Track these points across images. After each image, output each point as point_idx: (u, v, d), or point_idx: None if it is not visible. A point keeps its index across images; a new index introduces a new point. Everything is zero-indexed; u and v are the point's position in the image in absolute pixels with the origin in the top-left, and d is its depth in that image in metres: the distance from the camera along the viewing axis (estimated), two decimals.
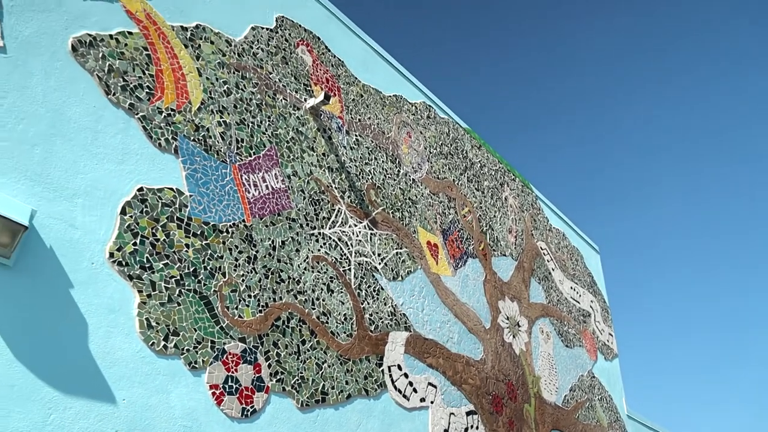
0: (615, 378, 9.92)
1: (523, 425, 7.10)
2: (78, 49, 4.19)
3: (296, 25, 6.21)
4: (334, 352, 5.18)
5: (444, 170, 7.66)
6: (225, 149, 4.93)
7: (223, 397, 4.21)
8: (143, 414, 3.76)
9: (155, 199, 4.27)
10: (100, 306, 3.75)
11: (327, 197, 5.74)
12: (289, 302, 4.95)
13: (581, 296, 9.82)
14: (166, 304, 4.08)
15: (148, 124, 4.43)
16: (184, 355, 4.07)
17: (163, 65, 4.72)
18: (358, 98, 6.66)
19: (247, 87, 5.36)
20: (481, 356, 6.95)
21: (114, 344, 3.74)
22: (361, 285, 5.73)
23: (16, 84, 3.80)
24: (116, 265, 3.90)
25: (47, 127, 3.86)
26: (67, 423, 3.39)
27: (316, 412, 4.85)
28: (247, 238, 4.81)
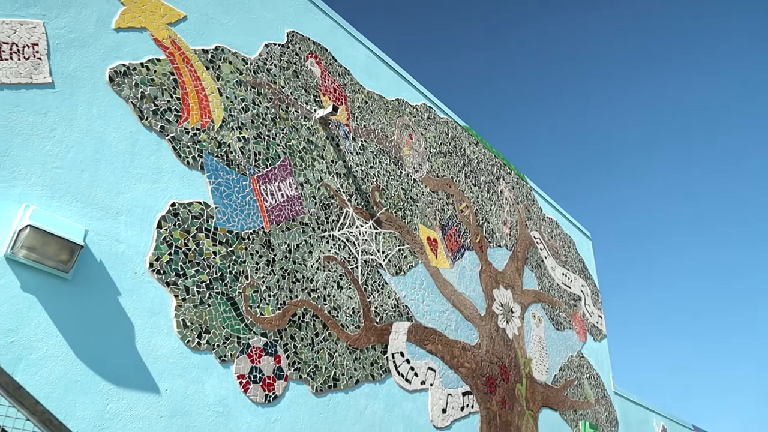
0: (603, 357, 10.58)
1: (514, 403, 7.75)
2: (114, 79, 4.69)
3: (305, 38, 6.67)
4: (344, 343, 5.78)
5: (443, 168, 8.18)
6: (244, 163, 5.45)
7: (249, 385, 4.81)
8: (182, 402, 4.36)
9: (186, 213, 4.82)
10: (143, 310, 4.32)
11: (336, 201, 6.28)
12: (303, 299, 5.53)
13: (572, 281, 10.42)
14: (199, 306, 4.65)
15: (177, 144, 4.95)
16: (215, 350, 4.66)
17: (188, 88, 5.22)
18: (363, 105, 7.15)
19: (263, 102, 5.86)
20: (477, 341, 7.57)
21: (156, 343, 4.33)
22: (368, 281, 6.31)
23: (65, 116, 4.31)
24: (155, 273, 4.46)
25: (92, 153, 4.39)
26: (121, 411, 3.99)
27: (328, 397, 5.46)
28: (266, 244, 5.37)
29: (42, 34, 4.35)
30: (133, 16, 5.01)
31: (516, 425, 7.62)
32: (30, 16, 4.32)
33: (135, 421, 4.05)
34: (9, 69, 4.09)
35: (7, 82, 4.05)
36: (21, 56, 4.18)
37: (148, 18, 5.11)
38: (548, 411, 8.46)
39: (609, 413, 10.06)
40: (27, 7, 4.32)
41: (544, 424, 8.26)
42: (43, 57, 4.30)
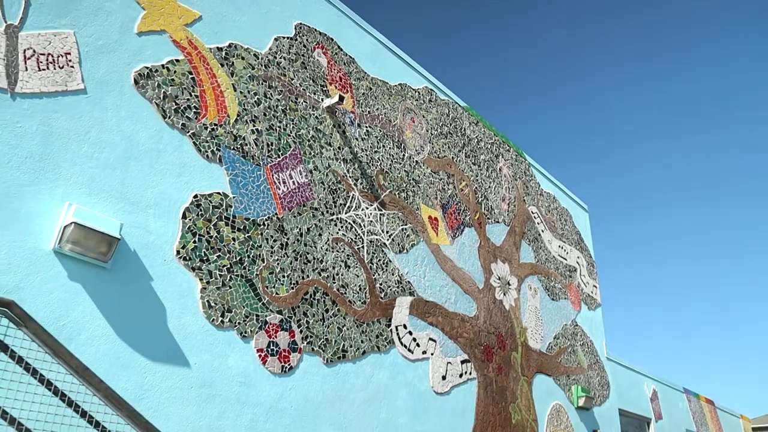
0: (597, 325, 11.14)
1: (510, 370, 8.34)
2: (139, 82, 5.10)
3: (312, 30, 7.02)
4: (352, 317, 6.31)
5: (444, 149, 8.58)
6: (258, 154, 5.89)
7: (267, 358, 5.36)
8: (210, 374, 4.90)
9: (207, 203, 5.28)
10: (173, 293, 4.83)
11: (343, 186, 6.73)
12: (314, 279, 6.04)
13: (568, 253, 10.91)
14: (221, 288, 5.16)
15: (197, 139, 5.39)
16: (236, 327, 5.18)
17: (205, 85, 5.63)
18: (367, 91, 7.53)
19: (273, 95, 6.26)
20: (475, 313, 8.10)
21: (185, 322, 4.85)
22: (373, 259, 6.80)
23: (97, 119, 4.74)
24: (182, 260, 4.96)
25: (122, 152, 4.83)
26: (157, 382, 4.54)
27: (338, 366, 6.01)
28: (280, 229, 5.85)
29: (73, 43, 4.75)
30: (153, 20, 5.38)
31: (511, 390, 8.22)
32: (62, 27, 4.72)
33: (169, 392, 4.60)
34: (46, 78, 4.51)
35: (46, 90, 4.48)
36: (56, 66, 4.59)
37: (166, 20, 5.49)
38: (542, 376, 9.06)
39: (601, 378, 10.67)
40: (59, 18, 4.71)
41: (538, 389, 8.86)
42: (75, 65, 4.71)
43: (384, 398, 6.37)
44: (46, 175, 4.33)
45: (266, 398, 5.26)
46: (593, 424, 9.92)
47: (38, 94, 4.44)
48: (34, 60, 4.46)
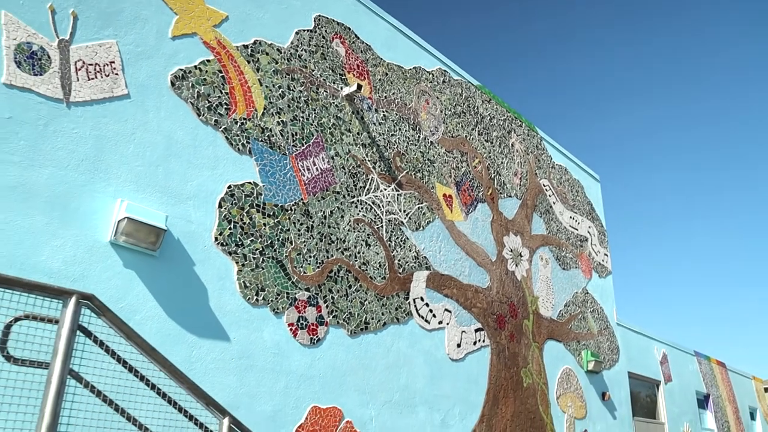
0: (607, 292, 11.61)
1: (522, 337, 8.88)
2: (175, 83, 5.58)
3: (330, 20, 7.40)
4: (373, 292, 6.86)
5: (457, 128, 8.98)
6: (284, 144, 6.37)
7: (297, 331, 5.94)
8: (247, 346, 5.50)
9: (240, 193, 5.80)
10: (213, 276, 5.40)
11: (362, 169, 7.20)
12: (338, 258, 6.57)
13: (580, 224, 11.33)
14: (255, 270, 5.72)
15: (229, 134, 5.88)
16: (269, 304, 5.75)
17: (234, 82, 6.09)
18: (383, 77, 7.92)
19: (296, 87, 6.70)
20: (488, 284, 8.62)
21: (224, 301, 5.42)
22: (391, 237, 7.31)
23: (140, 121, 5.25)
24: (219, 245, 5.50)
25: (163, 150, 5.34)
26: (202, 356, 5.14)
27: (361, 338, 6.59)
28: (305, 213, 6.36)
29: (116, 52, 5.22)
30: (185, 23, 5.82)
31: (523, 356, 8.78)
32: (105, 38, 5.19)
33: (213, 363, 5.20)
34: (95, 87, 5.00)
35: (96, 98, 4.98)
36: (103, 74, 5.08)
37: (196, 23, 5.92)
38: (553, 342, 9.60)
39: (611, 342, 11.19)
40: (103, 30, 5.18)
41: (548, 354, 9.41)
42: (119, 72, 5.20)
43: (403, 365, 6.96)
44: (100, 175, 4.86)
45: (297, 367, 5.86)
46: (603, 387, 10.48)
47: (89, 102, 4.94)
48: (84, 70, 4.95)
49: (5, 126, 4.45)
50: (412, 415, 6.90)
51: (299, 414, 5.76)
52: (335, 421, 6.07)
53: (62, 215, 4.58)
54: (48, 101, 4.71)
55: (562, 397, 9.32)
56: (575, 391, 9.69)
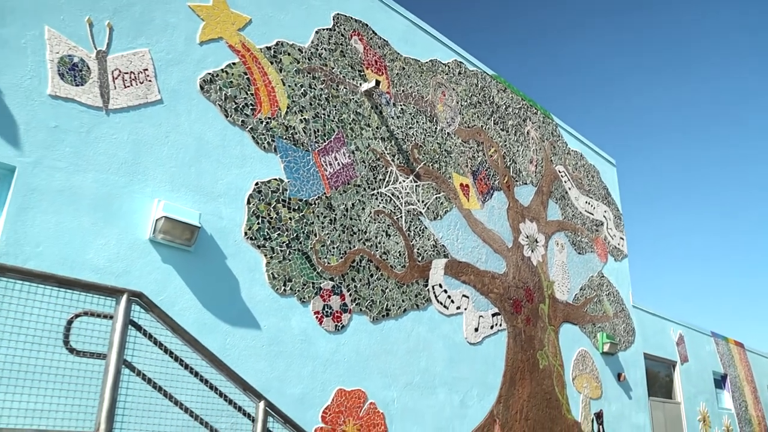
0: (623, 276, 11.82)
1: (538, 320, 9.17)
2: (204, 87, 5.89)
3: (349, 18, 7.64)
4: (393, 280, 7.18)
5: (473, 119, 9.20)
6: (307, 141, 6.67)
7: (323, 318, 6.29)
8: (276, 334, 5.87)
9: (267, 189, 6.13)
10: (243, 268, 5.75)
11: (382, 162, 7.49)
12: (360, 248, 6.89)
13: (595, 208, 11.52)
14: (282, 262, 6.06)
15: (255, 133, 6.19)
16: (296, 294, 6.11)
17: (258, 83, 6.39)
18: (401, 71, 8.16)
19: (317, 85, 6.98)
20: (504, 270, 8.90)
21: (255, 292, 5.79)
22: (410, 227, 7.61)
23: (172, 124, 5.58)
24: (249, 239, 5.85)
25: (195, 151, 5.68)
26: (236, 343, 5.52)
27: (383, 324, 6.93)
28: (328, 206, 6.68)
29: (149, 60, 5.55)
30: (211, 29, 6.12)
31: (539, 339, 9.08)
32: (139, 46, 5.51)
33: (246, 350, 5.58)
34: (131, 94, 5.34)
35: (132, 104, 5.32)
36: (137, 81, 5.41)
37: (222, 27, 6.22)
38: (569, 325, 9.88)
39: (627, 324, 11.43)
40: (136, 39, 5.50)
41: (564, 337, 9.69)
42: (152, 79, 5.52)
43: (423, 349, 7.30)
44: (138, 177, 5.22)
45: (323, 352, 6.22)
46: (618, 368, 10.75)
47: (126, 108, 5.28)
48: (120, 79, 5.28)
49: (52, 134, 4.81)
50: (432, 396, 7.25)
51: (326, 396, 6.13)
52: (359, 402, 6.44)
53: (105, 216, 4.95)
54: (89, 109, 5.06)
55: (578, 378, 9.62)
56: (591, 372, 9.98)
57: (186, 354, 3.89)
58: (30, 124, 4.73)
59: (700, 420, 13.28)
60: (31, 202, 4.61)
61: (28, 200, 4.60)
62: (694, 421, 13.13)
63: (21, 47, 4.80)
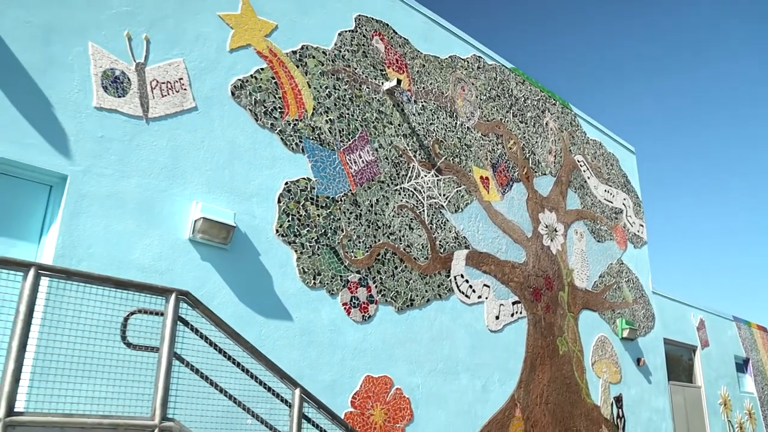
0: (643, 262, 11.99)
1: (557, 308, 9.44)
2: (235, 93, 6.23)
3: (370, 19, 7.90)
4: (417, 272, 7.50)
5: (493, 112, 9.42)
6: (332, 140, 6.99)
7: (351, 309, 6.65)
8: (307, 325, 6.24)
9: (296, 188, 6.47)
10: (275, 263, 6.12)
11: (404, 158, 7.78)
12: (384, 242, 7.22)
13: (614, 196, 11.68)
14: (312, 257, 6.42)
15: (284, 135, 6.52)
16: (325, 287, 6.46)
17: (285, 87, 6.70)
18: (421, 69, 8.41)
19: (341, 86, 7.28)
20: (524, 259, 9.16)
21: (286, 285, 6.15)
22: (432, 220, 7.91)
23: (207, 130, 5.93)
24: (280, 236, 6.21)
25: (228, 154, 6.03)
26: (270, 334, 5.89)
27: (407, 313, 7.26)
28: (354, 202, 7.00)
29: (183, 69, 5.89)
30: (240, 36, 6.44)
31: (558, 325, 9.35)
32: (173, 57, 5.86)
33: (280, 340, 5.96)
34: (169, 103, 5.70)
35: (170, 112, 5.68)
36: (173, 90, 5.76)
37: (250, 34, 6.54)
38: (588, 312, 10.12)
39: (646, 310, 11.62)
40: (171, 50, 5.85)
41: (584, 323, 9.94)
42: (187, 87, 5.87)
43: (446, 337, 7.63)
44: (177, 181, 5.59)
45: (352, 341, 6.58)
46: (638, 353, 10.98)
47: (164, 117, 5.64)
48: (158, 89, 5.64)
49: (99, 144, 5.19)
50: (455, 381, 7.59)
51: (354, 383, 6.50)
52: (386, 388, 6.80)
53: (149, 218, 5.34)
54: (131, 119, 5.43)
55: (597, 363, 9.88)
56: (610, 357, 10.22)
57: (228, 345, 4.27)
58: (78, 135, 5.11)
59: (721, 404, 13.45)
60: (82, 207, 5.00)
61: (80, 206, 4.99)
62: (715, 405, 13.31)
63: (68, 64, 5.17)
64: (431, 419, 7.15)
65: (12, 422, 3.26)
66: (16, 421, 3.27)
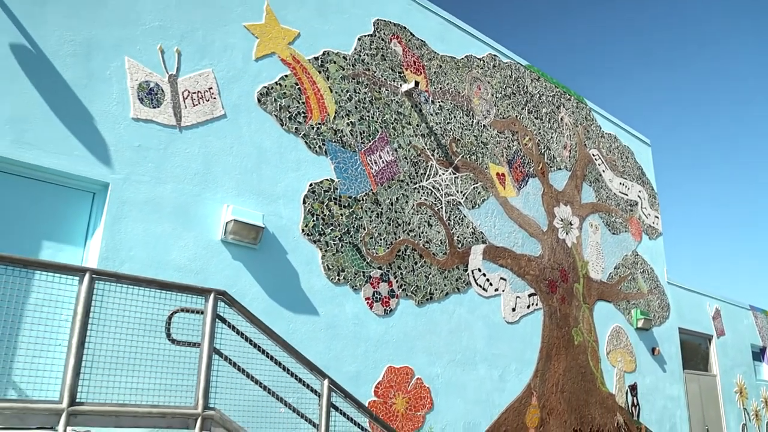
0: (658, 253, 12.17)
1: (572, 299, 9.69)
2: (261, 99, 6.56)
3: (388, 23, 8.17)
4: (435, 267, 7.81)
5: (508, 109, 9.66)
6: (354, 142, 7.30)
7: (373, 303, 6.98)
8: (333, 319, 6.58)
9: (320, 189, 6.80)
10: (302, 261, 6.47)
11: (422, 158, 8.06)
12: (404, 238, 7.53)
13: (629, 189, 11.86)
14: (336, 254, 6.75)
15: (307, 138, 6.85)
16: (349, 283, 6.80)
17: (308, 92, 7.02)
18: (438, 69, 8.67)
19: (361, 89, 7.57)
20: (540, 253, 9.42)
21: (312, 282, 6.50)
22: (450, 217, 8.20)
23: (236, 136, 6.27)
24: (306, 236, 6.55)
25: (255, 159, 6.37)
26: (298, 328, 6.25)
27: (427, 307, 7.58)
28: (375, 201, 7.32)
29: (213, 79, 6.23)
30: (265, 45, 6.76)
31: (573, 316, 9.61)
32: (203, 68, 6.20)
33: (307, 334, 6.32)
34: (200, 111, 6.04)
35: (200, 121, 6.03)
36: (204, 100, 6.11)
37: (274, 43, 6.85)
38: (603, 303, 10.36)
39: (661, 301, 11.82)
40: (200, 61, 6.19)
41: (598, 314, 10.19)
42: (216, 96, 6.21)
43: (464, 329, 7.94)
44: (209, 186, 5.95)
45: (374, 334, 6.92)
46: (653, 342, 11.20)
47: (195, 125, 5.99)
48: (189, 99, 5.99)
49: (136, 153, 5.56)
50: (474, 371, 7.91)
51: (377, 373, 6.85)
52: (407, 378, 7.14)
53: (184, 221, 5.70)
54: (165, 128, 5.79)
55: (612, 352, 10.13)
56: (625, 347, 10.47)
57: (261, 340, 4.62)
58: (118, 144, 5.48)
59: (736, 392, 13.62)
60: (123, 212, 5.38)
61: (121, 211, 5.37)
62: (731, 393, 13.49)
63: (107, 78, 5.54)
64: (450, 407, 7.48)
65: (74, 411, 3.65)
66: (78, 411, 3.66)
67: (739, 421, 13.48)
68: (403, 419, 6.93)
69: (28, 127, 5.03)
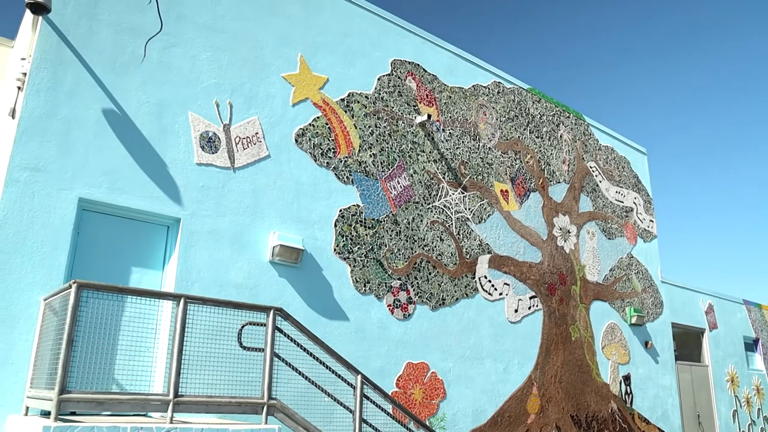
0: (652, 255, 13.28)
1: (570, 300, 10.87)
2: (297, 140, 7.79)
3: (404, 62, 9.35)
4: (447, 276, 9.02)
5: (511, 131, 10.81)
6: (375, 171, 8.51)
7: (394, 309, 8.22)
8: (360, 323, 7.84)
9: (348, 214, 8.04)
10: (334, 275, 7.72)
11: (435, 181, 9.26)
12: (420, 252, 8.75)
13: (625, 196, 12.96)
14: (362, 269, 8.00)
15: (337, 171, 8.07)
16: (373, 292, 8.05)
17: (337, 130, 8.23)
18: (448, 100, 9.84)
19: (381, 124, 8.78)
20: (540, 259, 10.60)
21: (343, 293, 7.75)
22: (460, 232, 9.40)
23: (278, 173, 7.52)
24: (337, 254, 7.80)
25: (294, 191, 7.62)
26: (332, 331, 7.51)
27: (440, 311, 8.81)
28: (394, 222, 8.54)
29: (258, 125, 7.47)
30: (300, 91, 7.98)
31: (571, 315, 10.79)
32: (250, 116, 7.44)
33: (339, 337, 7.58)
34: (248, 154, 7.29)
35: (249, 162, 7.27)
36: (251, 143, 7.35)
37: (307, 89, 8.07)
38: (599, 302, 11.53)
39: (655, 298, 12.95)
40: (248, 110, 7.43)
41: (595, 312, 11.36)
42: (261, 139, 7.45)
43: (472, 329, 9.17)
44: (258, 216, 7.20)
45: (395, 335, 8.17)
46: (645, 337, 12.35)
47: (245, 165, 7.24)
48: (240, 144, 7.24)
49: (200, 192, 6.83)
50: (481, 365, 9.14)
51: (398, 368, 8.10)
52: (423, 372, 8.38)
53: (239, 247, 6.97)
54: (222, 170, 7.04)
55: (607, 347, 11.31)
56: (619, 341, 11.63)
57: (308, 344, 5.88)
58: (186, 186, 6.74)
59: (728, 380, 14.73)
60: (192, 241, 6.66)
61: (190, 240, 6.65)
62: (722, 382, 14.60)
63: (175, 131, 6.79)
64: (461, 396, 8.72)
65: (178, 401, 4.93)
66: (180, 401, 4.93)
67: (730, 407, 14.61)
68: (420, 407, 8.18)
69: (118, 177, 6.31)
